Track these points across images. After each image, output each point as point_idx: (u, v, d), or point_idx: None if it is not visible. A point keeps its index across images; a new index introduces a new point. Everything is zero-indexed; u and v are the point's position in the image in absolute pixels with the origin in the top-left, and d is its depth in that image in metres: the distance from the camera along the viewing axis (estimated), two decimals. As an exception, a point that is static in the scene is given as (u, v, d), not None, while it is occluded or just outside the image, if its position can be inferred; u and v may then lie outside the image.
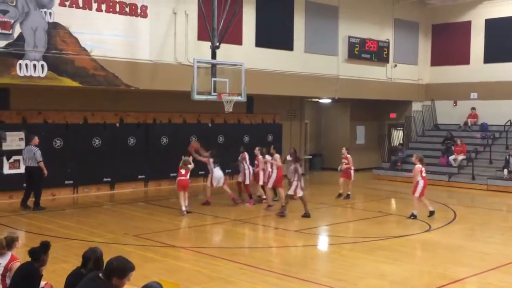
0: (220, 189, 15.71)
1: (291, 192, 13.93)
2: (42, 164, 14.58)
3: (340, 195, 17.14)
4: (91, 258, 5.56)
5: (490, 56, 23.62)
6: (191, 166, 14.58)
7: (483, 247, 11.44)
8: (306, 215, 13.97)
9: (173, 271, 9.29)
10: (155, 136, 19.17)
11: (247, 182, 16.04)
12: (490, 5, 23.59)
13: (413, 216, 14.08)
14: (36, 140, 14.78)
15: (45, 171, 14.59)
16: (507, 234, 13.63)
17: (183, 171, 14.45)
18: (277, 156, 15.41)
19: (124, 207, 15.61)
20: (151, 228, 12.67)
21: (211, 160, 15.43)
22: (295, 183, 13.91)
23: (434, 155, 23.03)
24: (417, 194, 14.15)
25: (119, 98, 18.20)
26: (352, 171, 17.23)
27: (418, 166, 14.23)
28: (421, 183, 14.13)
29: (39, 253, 5.88)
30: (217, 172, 15.45)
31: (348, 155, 17.24)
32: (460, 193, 19.62)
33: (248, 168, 16.05)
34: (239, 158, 16.19)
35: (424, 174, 14.26)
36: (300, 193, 13.99)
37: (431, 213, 14.26)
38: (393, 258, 10.30)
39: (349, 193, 17.13)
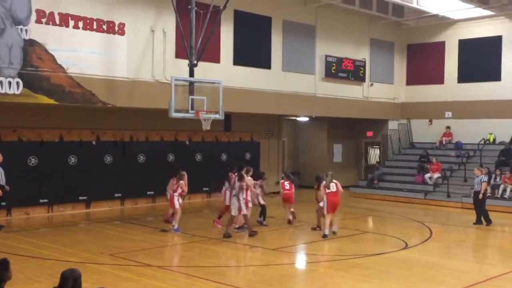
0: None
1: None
2: None
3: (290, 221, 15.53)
4: (70, 278, 5.46)
5: (464, 76, 24.07)
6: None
7: (459, 264, 11.54)
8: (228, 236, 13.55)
9: (149, 290, 9.16)
10: (132, 154, 19.04)
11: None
12: (463, 26, 24.10)
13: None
14: None
15: None
16: (482, 252, 13.80)
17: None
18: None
19: (100, 225, 15.40)
20: (127, 247, 12.52)
21: None
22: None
23: (410, 173, 23.27)
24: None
25: (95, 116, 18.08)
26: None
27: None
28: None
29: (1, 273, 5.76)
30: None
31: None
32: (435, 210, 19.80)
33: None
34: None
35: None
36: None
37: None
38: (370, 276, 10.31)
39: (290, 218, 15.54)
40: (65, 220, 16.42)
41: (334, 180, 13.93)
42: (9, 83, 13.85)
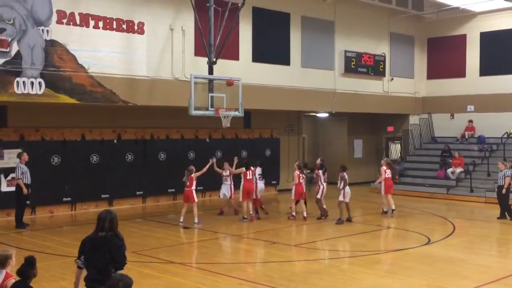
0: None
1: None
2: (20, 182, 14.44)
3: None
4: (106, 219, 6.10)
5: (486, 69, 23.74)
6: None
7: (483, 259, 11.42)
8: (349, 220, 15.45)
9: (172, 287, 9.23)
10: (153, 152, 19.17)
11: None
12: (484, 18, 23.77)
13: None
14: (25, 157, 14.69)
15: (24, 190, 14.43)
16: (506, 246, 13.63)
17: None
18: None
19: (122, 223, 15.32)
20: (149, 244, 12.62)
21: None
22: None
23: (432, 168, 23.06)
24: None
25: (116, 115, 18.23)
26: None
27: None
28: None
29: (28, 271, 5.87)
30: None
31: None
32: (458, 205, 19.61)
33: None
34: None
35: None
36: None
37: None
38: (392, 272, 10.26)
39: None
40: (88, 218, 16.56)
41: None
42: (32, 83, 14.03)
